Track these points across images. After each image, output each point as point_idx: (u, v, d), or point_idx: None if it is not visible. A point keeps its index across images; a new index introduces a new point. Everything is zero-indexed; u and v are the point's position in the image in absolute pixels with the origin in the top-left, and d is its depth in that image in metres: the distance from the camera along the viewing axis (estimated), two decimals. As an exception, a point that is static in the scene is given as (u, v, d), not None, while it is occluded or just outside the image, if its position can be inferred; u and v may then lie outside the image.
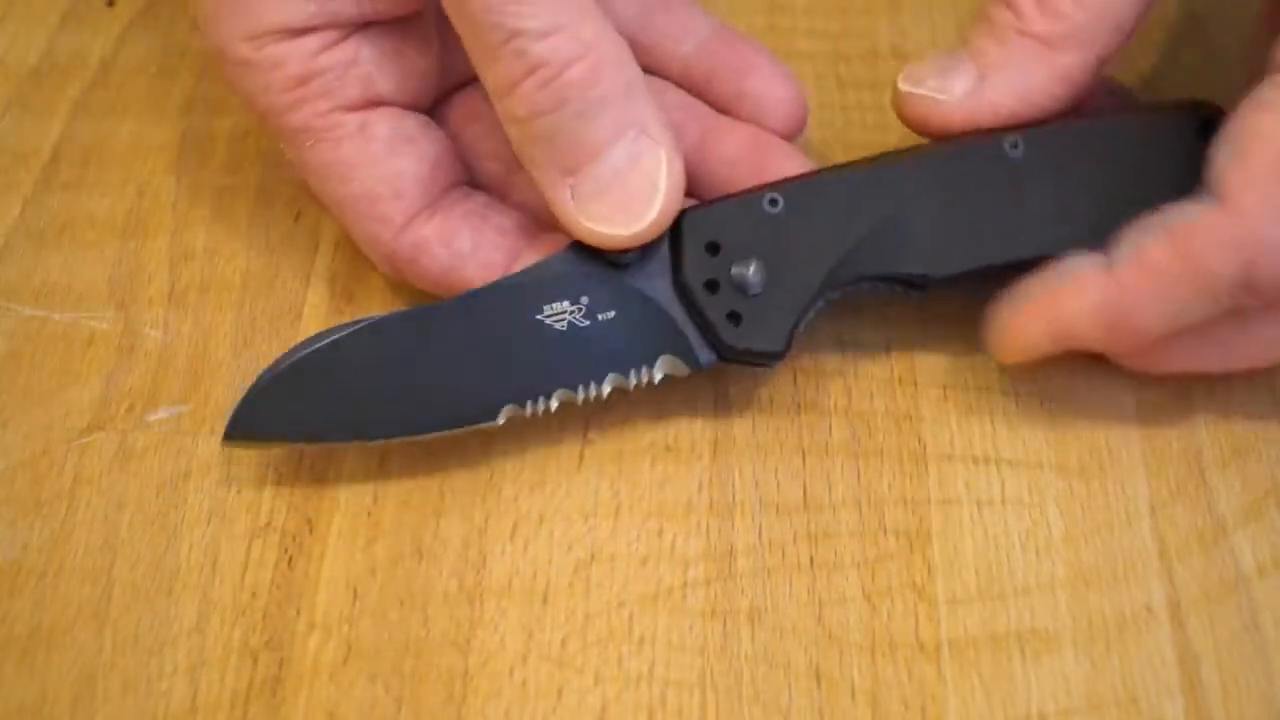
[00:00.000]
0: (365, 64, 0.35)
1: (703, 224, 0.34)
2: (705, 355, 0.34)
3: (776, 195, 0.34)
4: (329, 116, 0.35)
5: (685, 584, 0.33)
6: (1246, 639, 0.33)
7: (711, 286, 0.34)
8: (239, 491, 0.35)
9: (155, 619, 0.33)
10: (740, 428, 0.36)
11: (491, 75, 0.33)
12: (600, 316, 0.34)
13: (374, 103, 0.36)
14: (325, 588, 0.33)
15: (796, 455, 0.36)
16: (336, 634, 0.33)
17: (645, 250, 0.34)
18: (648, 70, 0.39)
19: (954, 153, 0.35)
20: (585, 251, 0.34)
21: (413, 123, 0.36)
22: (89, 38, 0.45)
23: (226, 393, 0.36)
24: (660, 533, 0.34)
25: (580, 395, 0.34)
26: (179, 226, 0.40)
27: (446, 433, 0.34)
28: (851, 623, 0.33)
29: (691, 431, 0.36)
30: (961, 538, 0.34)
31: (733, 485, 0.35)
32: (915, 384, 0.37)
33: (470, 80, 0.38)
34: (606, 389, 0.34)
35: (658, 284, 0.34)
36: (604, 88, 0.32)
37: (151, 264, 0.39)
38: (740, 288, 0.34)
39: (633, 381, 0.34)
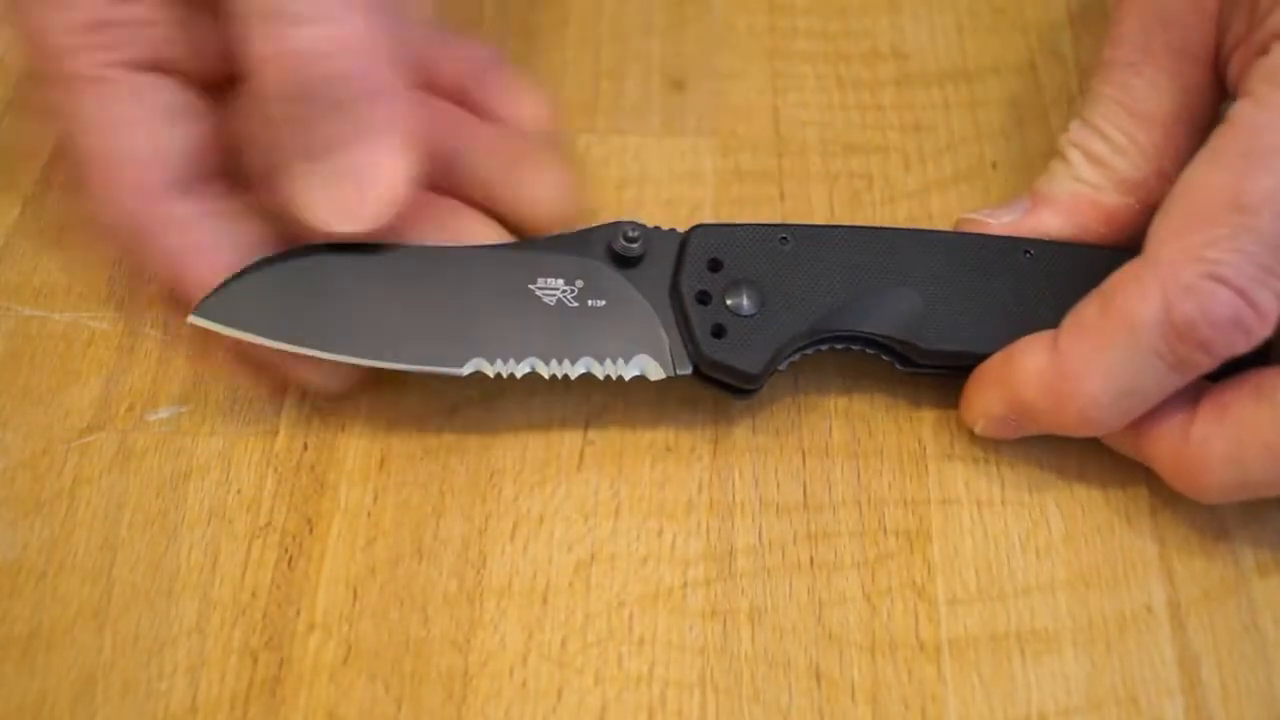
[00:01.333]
0: (163, 26, 0.34)
1: (712, 239, 0.35)
2: (682, 364, 0.34)
3: (788, 235, 0.35)
4: (112, 69, 0.34)
5: (685, 584, 0.33)
6: (1246, 639, 0.33)
7: (703, 298, 0.34)
8: (239, 491, 0.35)
9: (155, 619, 0.33)
10: (740, 428, 0.36)
11: (249, 46, 0.32)
12: (590, 302, 0.34)
13: (162, 67, 0.35)
14: (325, 588, 0.33)
15: (796, 455, 0.36)
16: (336, 634, 0.33)
17: (652, 253, 0.35)
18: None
19: (972, 241, 0.36)
20: (596, 241, 0.35)
21: (196, 99, 0.35)
22: (89, 38, 0.45)
23: (226, 393, 0.36)
24: (660, 533, 0.34)
25: (549, 369, 0.34)
26: (179, 226, 0.40)
27: (408, 368, 0.34)
28: (851, 623, 0.33)
29: (691, 431, 0.36)
30: (961, 538, 0.34)
31: (733, 485, 0.35)
32: (915, 384, 0.37)
33: None
34: (577, 370, 0.34)
35: (655, 287, 0.35)
36: (356, 86, 0.32)
37: (151, 264, 0.39)
38: (732, 307, 0.34)
39: (604, 371, 0.34)
